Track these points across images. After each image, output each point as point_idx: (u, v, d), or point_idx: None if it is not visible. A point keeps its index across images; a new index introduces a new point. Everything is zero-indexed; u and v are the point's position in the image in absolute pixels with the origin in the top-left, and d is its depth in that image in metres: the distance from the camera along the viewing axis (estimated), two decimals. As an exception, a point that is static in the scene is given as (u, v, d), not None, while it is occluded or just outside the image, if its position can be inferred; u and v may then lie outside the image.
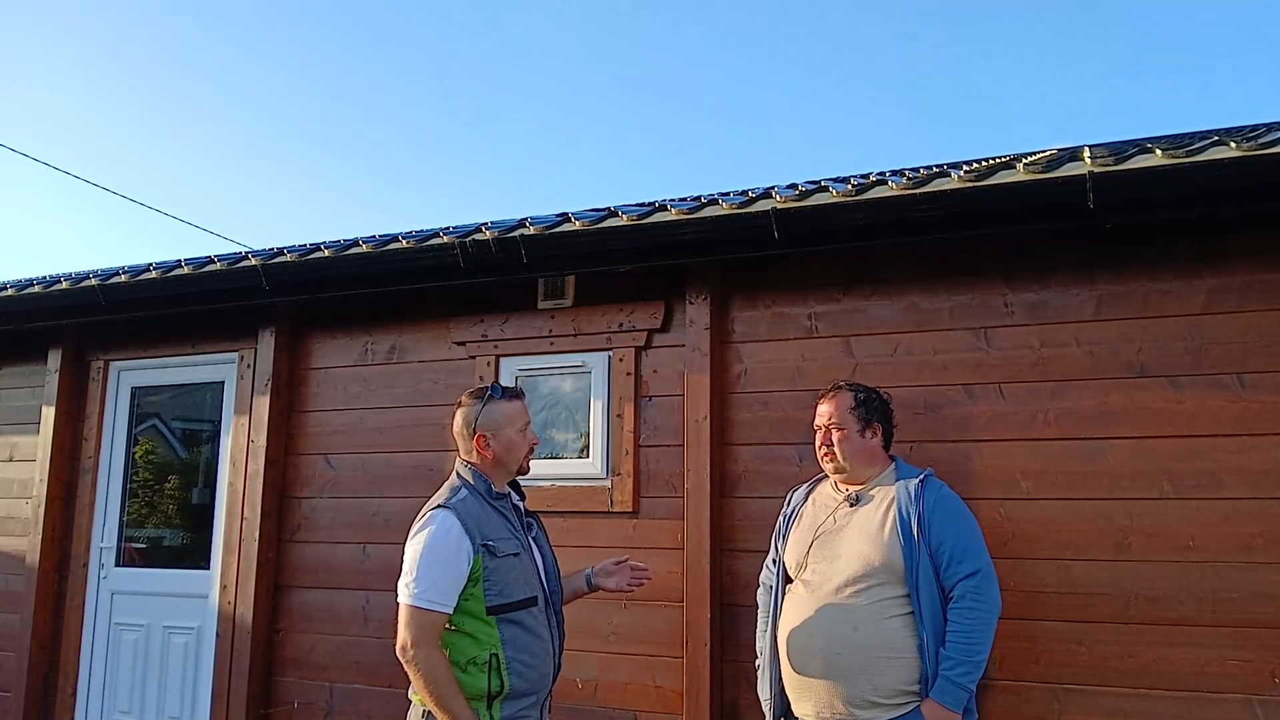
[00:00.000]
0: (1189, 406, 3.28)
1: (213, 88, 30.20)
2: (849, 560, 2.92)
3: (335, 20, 29.57)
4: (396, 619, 2.50)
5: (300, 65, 32.66)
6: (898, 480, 3.03)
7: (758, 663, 3.20)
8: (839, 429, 3.08)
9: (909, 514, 2.89)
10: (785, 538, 3.18)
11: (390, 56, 32.77)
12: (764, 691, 3.11)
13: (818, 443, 3.15)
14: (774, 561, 3.23)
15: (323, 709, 4.49)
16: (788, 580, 3.12)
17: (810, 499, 3.21)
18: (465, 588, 2.48)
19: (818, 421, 3.16)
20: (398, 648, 2.45)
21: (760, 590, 3.30)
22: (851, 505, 3.04)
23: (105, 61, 29.21)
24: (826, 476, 3.23)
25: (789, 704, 3.02)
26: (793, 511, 3.23)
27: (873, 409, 3.13)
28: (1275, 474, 3.15)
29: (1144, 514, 3.28)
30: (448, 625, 2.48)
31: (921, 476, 3.01)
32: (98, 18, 26.69)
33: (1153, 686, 3.18)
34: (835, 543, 2.98)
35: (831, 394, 3.19)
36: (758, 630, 3.25)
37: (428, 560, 2.46)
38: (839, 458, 3.07)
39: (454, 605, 2.46)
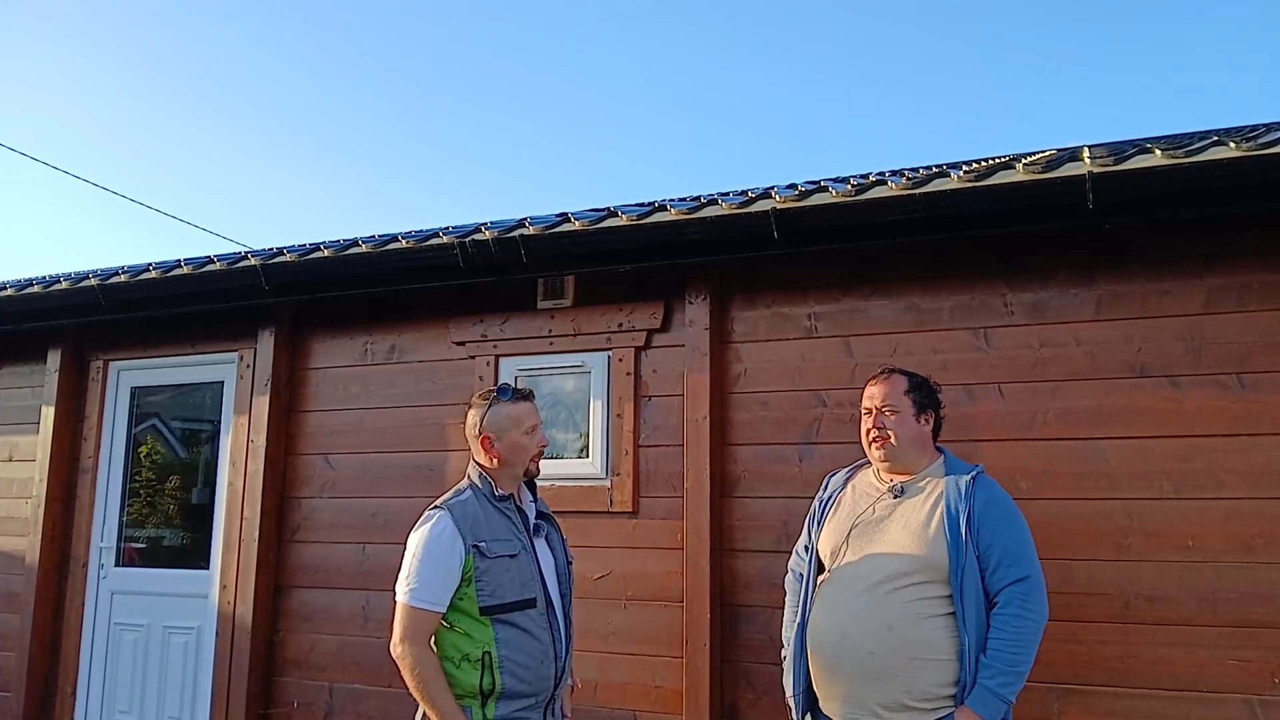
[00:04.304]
0: (1189, 406, 3.29)
1: (213, 87, 30.21)
2: (889, 554, 2.72)
3: (336, 20, 29.58)
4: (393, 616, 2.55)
5: (300, 65, 32.67)
6: (947, 474, 2.82)
7: (784, 654, 2.96)
8: (894, 412, 2.84)
9: (958, 511, 2.70)
10: (820, 524, 2.96)
11: (391, 56, 32.78)
12: (789, 686, 2.90)
13: (866, 426, 2.89)
14: (806, 548, 3.01)
15: (322, 709, 4.49)
16: (820, 570, 2.91)
17: (849, 486, 2.99)
18: (459, 588, 2.51)
19: (867, 404, 2.91)
20: (391, 643, 2.52)
21: (789, 577, 3.06)
22: (895, 496, 2.83)
23: (105, 61, 29.23)
24: (867, 464, 3.00)
25: (815, 700, 2.84)
26: (830, 497, 3.00)
27: (927, 394, 2.92)
28: (1275, 474, 3.16)
29: (1144, 514, 3.28)
30: (444, 623, 2.53)
31: (973, 473, 2.80)
32: (97, 17, 26.71)
33: (1153, 686, 3.19)
34: (874, 535, 2.78)
35: (883, 376, 2.94)
36: (785, 619, 3.02)
37: (421, 560, 2.52)
38: (893, 441, 2.83)
39: (447, 605, 2.51)
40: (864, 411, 2.93)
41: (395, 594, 2.55)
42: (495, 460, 2.69)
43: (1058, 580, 3.32)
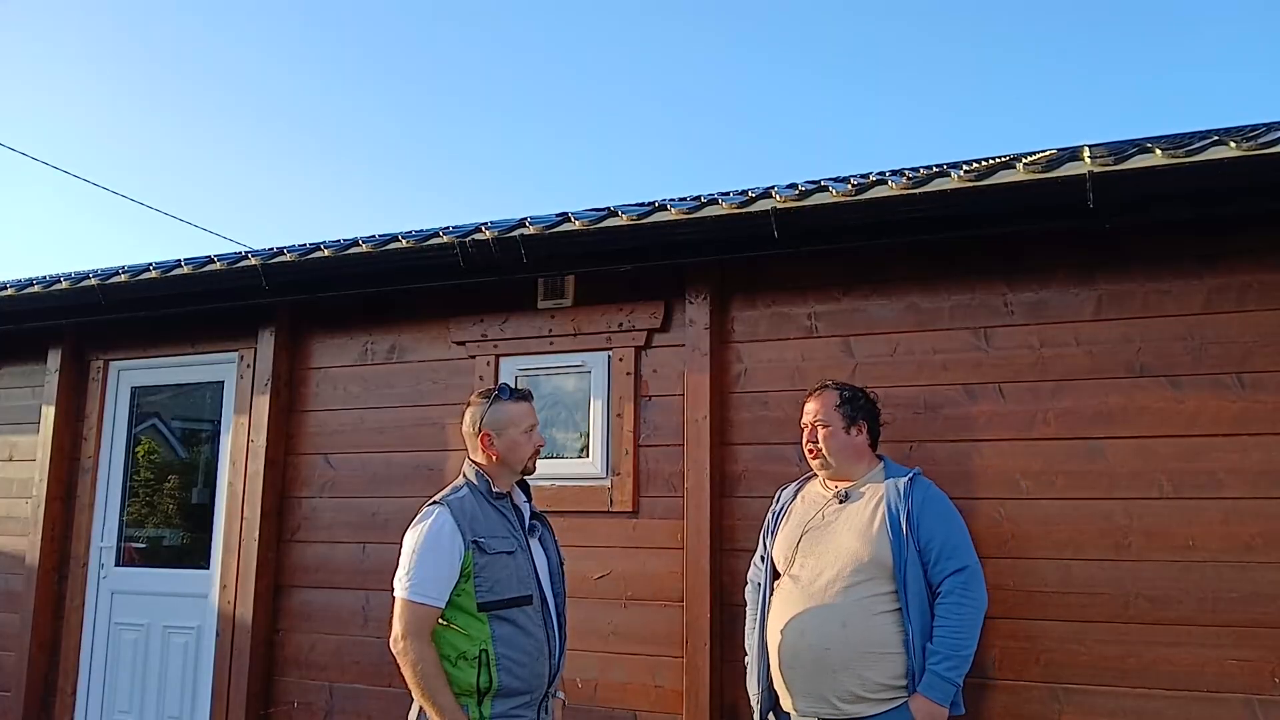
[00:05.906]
0: (1189, 406, 3.28)
1: (213, 87, 30.22)
2: (838, 556, 2.96)
3: (336, 20, 29.59)
4: (392, 613, 2.54)
5: (301, 65, 32.68)
6: (886, 479, 3.08)
7: (747, 659, 3.23)
8: (824, 425, 3.13)
9: (898, 511, 2.95)
10: (774, 534, 3.22)
11: (391, 56, 32.79)
12: (753, 687, 3.14)
13: (804, 440, 3.20)
14: (762, 559, 3.28)
15: (322, 709, 4.49)
16: (775, 576, 3.17)
17: (799, 496, 3.27)
18: (457, 584, 2.53)
19: (804, 419, 3.22)
20: (391, 639, 2.52)
21: (748, 588, 3.34)
22: (840, 502, 3.09)
23: (106, 61, 29.22)
24: (815, 475, 3.27)
25: (777, 699, 3.06)
26: (781, 509, 3.28)
27: (858, 407, 3.18)
28: (1275, 474, 3.15)
29: (1144, 514, 3.28)
30: (441, 620, 2.53)
31: (910, 475, 3.06)
32: (97, 17, 26.70)
33: (1153, 686, 3.18)
34: (824, 539, 3.03)
35: (817, 392, 3.24)
36: (746, 628, 3.28)
37: (421, 555, 2.53)
38: (824, 454, 3.12)
39: (446, 600, 2.52)
40: (802, 426, 3.22)
41: (393, 590, 2.55)
42: (493, 458, 2.72)
43: (1058, 580, 3.33)
